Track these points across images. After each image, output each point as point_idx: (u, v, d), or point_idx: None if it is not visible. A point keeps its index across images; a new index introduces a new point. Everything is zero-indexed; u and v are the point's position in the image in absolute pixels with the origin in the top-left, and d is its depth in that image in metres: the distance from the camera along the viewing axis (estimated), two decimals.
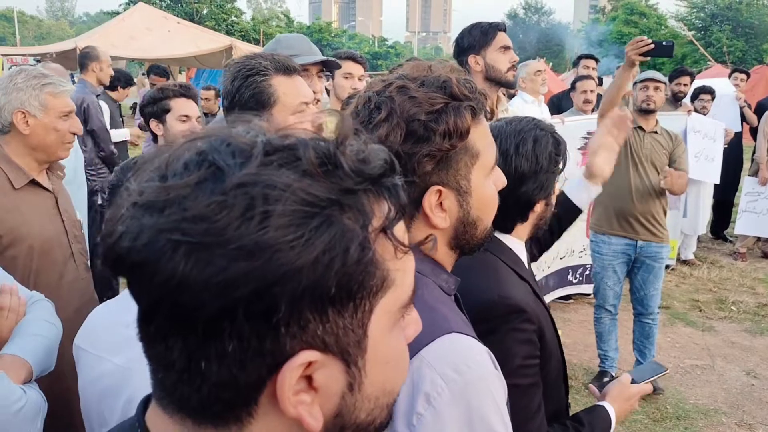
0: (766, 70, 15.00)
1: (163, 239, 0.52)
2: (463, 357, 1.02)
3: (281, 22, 47.18)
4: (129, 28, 17.43)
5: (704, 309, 5.89)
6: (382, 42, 72.75)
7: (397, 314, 0.63)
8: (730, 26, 40.57)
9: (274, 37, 2.90)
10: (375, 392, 0.63)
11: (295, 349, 0.55)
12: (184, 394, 0.57)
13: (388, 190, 0.60)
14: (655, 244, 4.19)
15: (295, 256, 0.52)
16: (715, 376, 4.65)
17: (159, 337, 0.56)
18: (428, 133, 1.06)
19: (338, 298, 0.55)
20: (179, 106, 2.86)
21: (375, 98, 1.10)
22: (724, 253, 7.72)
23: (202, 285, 0.51)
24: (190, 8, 37.26)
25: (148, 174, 0.57)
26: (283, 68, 1.88)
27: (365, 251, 0.56)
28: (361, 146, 0.60)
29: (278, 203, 0.52)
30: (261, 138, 0.57)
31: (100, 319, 1.45)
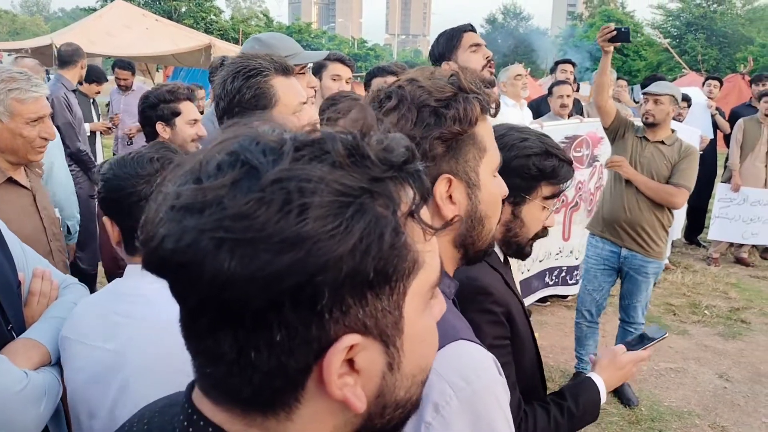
0: (738, 79, 15.28)
1: (206, 238, 0.54)
2: (471, 365, 1.03)
3: (260, 22, 46.96)
4: (106, 24, 17.21)
5: (678, 313, 5.98)
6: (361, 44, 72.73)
7: (427, 294, 0.66)
8: (705, 35, 41.26)
9: (251, 37, 2.89)
10: (412, 370, 0.66)
11: (339, 333, 0.58)
12: (235, 386, 0.59)
13: (412, 176, 0.62)
14: (641, 256, 4.13)
15: (335, 245, 0.54)
16: (689, 379, 4.73)
17: (207, 332, 0.58)
18: (438, 118, 1.08)
19: (376, 282, 0.58)
20: (189, 109, 2.86)
21: (385, 89, 1.12)
22: (697, 258, 7.84)
23: (248, 280, 0.53)
24: (168, 6, 36.93)
25: (182, 178, 0.59)
26: (282, 69, 1.89)
27: (398, 235, 0.59)
28: (382, 136, 0.62)
29: (314, 195, 0.54)
30: (288, 135, 0.59)
31: (88, 310, 1.45)
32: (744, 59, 22.37)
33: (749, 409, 4.34)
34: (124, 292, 1.44)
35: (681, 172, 4.05)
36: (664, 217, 4.13)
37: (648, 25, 44.49)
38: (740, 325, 5.75)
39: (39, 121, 2.31)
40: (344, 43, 64.63)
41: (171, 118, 2.83)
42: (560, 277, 5.80)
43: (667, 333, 1.90)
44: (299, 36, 54.76)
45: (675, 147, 4.12)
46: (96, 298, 1.50)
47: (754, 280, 7.09)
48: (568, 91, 5.86)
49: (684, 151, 4.10)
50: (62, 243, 2.45)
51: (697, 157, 4.11)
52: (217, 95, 1.92)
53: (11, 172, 2.30)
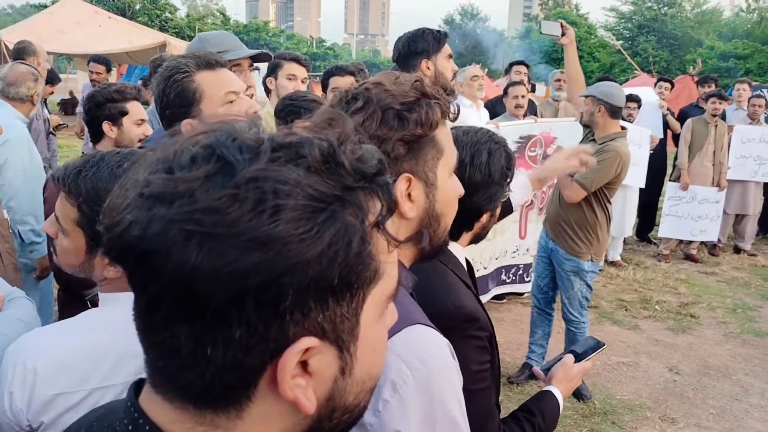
0: (688, 80, 15.67)
1: (175, 229, 0.54)
2: (428, 347, 1.08)
3: (217, 20, 46.39)
4: (57, 21, 16.81)
5: (630, 308, 6.12)
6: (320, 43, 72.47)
7: (384, 304, 0.68)
8: (656, 37, 42.28)
9: (197, 36, 2.88)
10: (362, 376, 0.67)
11: (297, 335, 0.58)
12: (187, 380, 0.59)
13: (381, 188, 0.63)
14: (562, 252, 4.19)
15: (304, 249, 0.55)
16: (640, 373, 4.85)
17: (164, 324, 0.58)
18: (401, 121, 1.14)
19: (339, 289, 0.59)
20: (136, 109, 2.83)
21: (352, 91, 1.17)
22: (648, 254, 8.04)
23: (213, 274, 0.53)
24: (122, 3, 36.22)
25: (152, 166, 0.58)
26: (205, 63, 1.87)
27: (365, 245, 0.60)
28: (357, 146, 0.63)
29: (289, 198, 0.55)
30: (266, 135, 0.60)
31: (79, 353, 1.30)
32: (693, 61, 22.98)
33: (698, 400, 4.48)
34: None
35: (584, 172, 3.93)
36: (583, 215, 4.10)
37: (601, 27, 45.36)
38: (689, 320, 5.92)
39: None
40: (303, 42, 64.32)
41: (118, 118, 2.79)
42: (517, 275, 5.88)
43: (605, 344, 2.00)
44: (257, 35, 54.27)
45: (600, 147, 4.03)
46: (67, 338, 1.33)
47: (702, 276, 7.31)
48: (522, 92, 5.96)
49: (599, 151, 3.93)
50: (11, 245, 2.40)
51: (609, 160, 3.94)
52: (154, 100, 1.94)
53: None
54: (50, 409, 1.25)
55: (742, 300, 6.54)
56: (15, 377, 1.25)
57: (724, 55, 34.01)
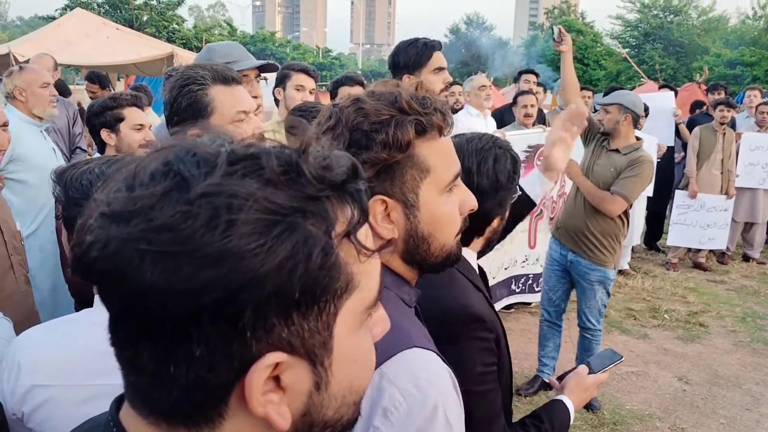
0: (695, 87, 15.64)
1: (130, 248, 0.54)
2: (424, 373, 1.03)
3: (224, 31, 46.59)
4: (66, 33, 16.89)
5: (638, 317, 6.09)
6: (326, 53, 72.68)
7: (362, 315, 0.66)
8: (662, 45, 42.25)
9: (206, 46, 2.90)
10: (342, 390, 0.65)
11: (262, 351, 0.57)
12: (156, 397, 0.59)
13: (351, 195, 0.62)
14: (585, 262, 4.17)
15: (258, 263, 0.54)
16: (650, 382, 4.82)
17: (129, 342, 0.58)
18: (368, 142, 1.08)
19: (303, 302, 0.57)
20: (133, 115, 2.83)
21: (331, 109, 1.13)
22: (656, 263, 8.00)
23: (168, 292, 0.53)
24: (129, 15, 36.44)
25: (117, 184, 0.58)
26: (222, 78, 1.88)
27: (328, 256, 0.58)
28: (324, 153, 0.61)
29: (241, 212, 0.54)
30: (226, 148, 0.59)
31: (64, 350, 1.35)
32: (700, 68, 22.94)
33: (708, 410, 4.44)
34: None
35: (621, 180, 4.06)
36: (611, 225, 4.12)
37: (607, 35, 45.34)
38: (698, 329, 5.89)
39: None
40: (309, 52, 64.47)
41: (115, 124, 2.80)
42: (527, 285, 5.86)
43: (623, 357, 1.98)
44: (264, 45, 54.51)
45: (628, 156, 4.11)
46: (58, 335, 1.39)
47: (711, 285, 7.27)
48: (532, 101, 5.95)
49: (633, 163, 4.06)
50: (23, 257, 2.41)
51: (646, 169, 4.05)
52: (163, 104, 1.94)
53: None
54: (27, 400, 1.30)
55: (752, 308, 6.50)
56: (7, 368, 1.34)
57: (731, 62, 33.95)
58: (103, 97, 2.91)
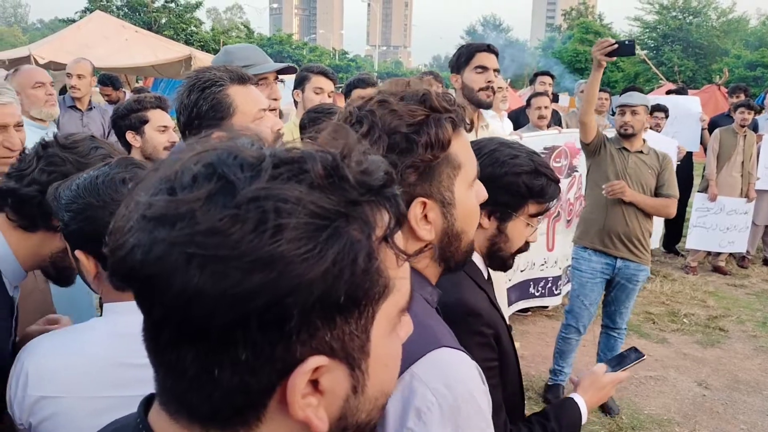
0: (715, 90, 15.51)
1: (177, 252, 0.53)
2: (454, 372, 1.03)
3: (241, 33, 46.91)
4: (85, 36, 17.08)
5: (657, 321, 6.03)
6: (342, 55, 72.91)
7: (396, 318, 0.66)
8: (681, 46, 41.92)
9: (222, 49, 2.91)
10: (375, 393, 0.65)
11: (305, 355, 0.57)
12: (195, 401, 0.59)
13: (389, 200, 0.62)
14: (634, 265, 4.17)
15: (307, 268, 0.54)
16: (668, 387, 4.77)
17: (170, 346, 0.57)
18: (410, 145, 1.06)
19: (346, 306, 0.58)
20: (157, 116, 2.86)
21: (356, 113, 1.09)
22: (675, 266, 7.92)
23: (216, 297, 0.53)
24: (148, 17, 36.75)
25: (155, 186, 0.58)
26: (238, 78, 1.89)
27: (371, 261, 0.58)
28: (362, 158, 0.61)
29: (290, 217, 0.54)
30: (268, 151, 0.59)
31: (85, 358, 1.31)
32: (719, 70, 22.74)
33: (728, 416, 4.38)
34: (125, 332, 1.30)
35: (668, 182, 4.20)
36: (650, 224, 4.26)
37: (625, 37, 45.08)
38: (718, 333, 5.82)
39: (1, 131, 2.28)
40: (325, 55, 64.70)
41: (140, 126, 2.83)
42: (546, 288, 5.81)
43: (645, 356, 1.94)
44: (280, 47, 54.78)
45: (652, 155, 4.24)
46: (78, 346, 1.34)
47: (731, 289, 7.18)
48: (546, 102, 5.93)
49: (663, 160, 4.25)
50: None
51: (673, 164, 4.29)
52: (177, 110, 1.93)
53: None
54: (35, 411, 1.27)
55: None
56: (14, 376, 1.30)
57: (752, 64, 33.60)
58: (128, 100, 2.93)
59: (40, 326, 1.66)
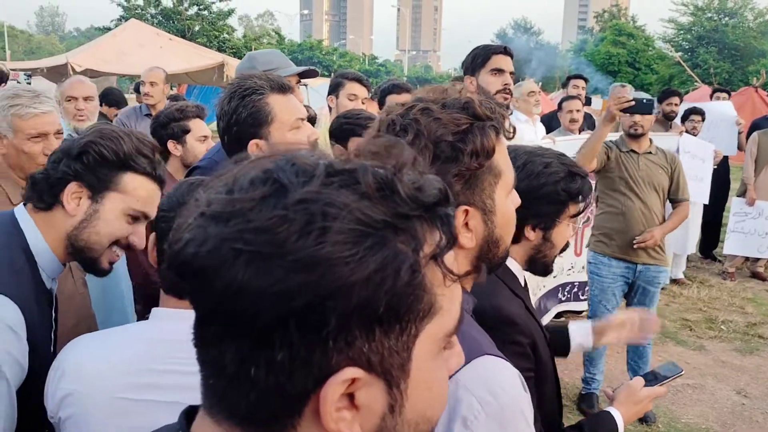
0: (752, 92, 15.19)
1: (226, 247, 0.55)
2: (498, 380, 1.04)
3: (272, 40, 47.40)
4: (120, 44, 17.41)
5: (694, 328, 5.92)
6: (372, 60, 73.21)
7: (442, 341, 0.64)
8: (717, 48, 41.20)
9: (247, 55, 2.94)
10: (415, 417, 0.64)
11: (341, 364, 0.57)
12: (233, 400, 0.60)
13: (441, 219, 0.61)
14: (654, 267, 4.15)
15: (348, 272, 0.54)
16: (706, 396, 4.68)
17: (214, 341, 0.59)
18: (456, 153, 1.07)
19: (386, 318, 0.57)
20: (198, 126, 2.89)
21: (400, 121, 1.09)
22: (713, 272, 7.78)
23: (259, 293, 0.54)
24: (182, 25, 37.28)
25: (216, 188, 0.60)
26: (278, 87, 1.93)
27: (415, 274, 0.58)
28: (417, 176, 0.62)
29: (336, 220, 0.55)
30: (324, 160, 0.60)
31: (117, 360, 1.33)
32: (757, 72, 22.26)
33: None
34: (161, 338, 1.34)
35: (681, 187, 4.24)
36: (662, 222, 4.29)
37: (659, 38, 44.50)
38: (757, 341, 5.69)
39: (42, 138, 2.32)
40: (355, 60, 65.02)
41: (181, 136, 2.85)
42: (572, 293, 5.74)
43: (683, 371, 1.91)
44: (311, 53, 55.22)
45: (661, 155, 4.25)
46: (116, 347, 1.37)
47: None
48: (578, 105, 5.87)
49: (673, 160, 4.26)
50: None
51: (682, 164, 4.35)
52: (217, 115, 1.97)
53: None
54: (63, 406, 1.31)
55: None
56: (53, 369, 1.36)
57: None
58: (170, 109, 2.94)
59: None
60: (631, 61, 42.72)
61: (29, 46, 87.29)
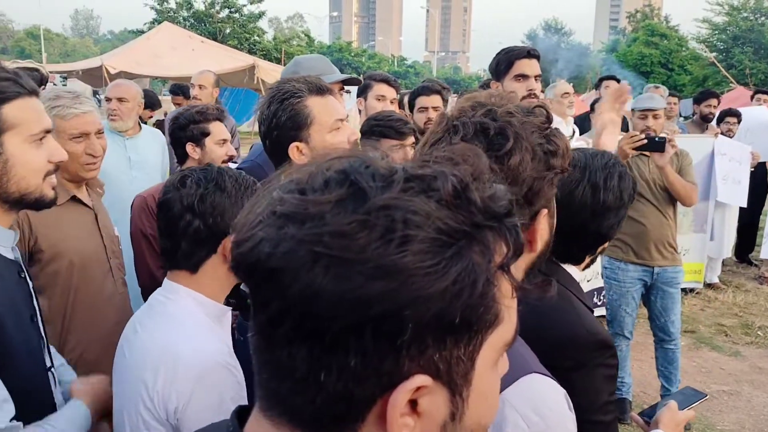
0: None
1: (304, 250, 0.54)
2: (544, 400, 1.04)
3: (302, 42, 47.58)
4: (154, 46, 17.69)
5: (730, 333, 5.81)
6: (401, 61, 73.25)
7: (501, 351, 0.65)
8: (752, 48, 40.35)
9: (293, 59, 2.95)
10: (472, 425, 0.64)
11: (411, 371, 0.56)
12: (297, 404, 0.59)
13: (509, 230, 0.61)
14: (671, 268, 4.11)
15: (429, 283, 0.54)
16: (743, 402, 4.59)
17: (283, 343, 0.58)
18: (548, 157, 1.09)
19: (459, 329, 0.57)
20: (218, 129, 2.87)
21: (493, 124, 1.08)
22: (749, 277, 7.62)
23: (337, 298, 0.53)
24: (213, 28, 37.65)
25: (286, 186, 0.60)
26: (317, 89, 1.94)
27: (490, 286, 0.58)
28: (488, 184, 0.61)
29: (419, 229, 0.54)
30: (399, 165, 0.60)
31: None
32: None
33: None
34: None
35: (686, 171, 4.19)
36: (674, 223, 4.25)
37: (693, 39, 43.75)
38: None
39: (84, 138, 2.37)
40: (384, 61, 65.10)
41: (200, 139, 2.83)
42: (600, 297, 5.67)
43: (707, 395, 1.91)
44: (340, 54, 55.43)
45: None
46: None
47: None
48: None
49: (680, 153, 4.22)
50: (121, 261, 2.52)
51: (691, 159, 4.32)
52: (258, 120, 2.00)
53: (74, 190, 2.37)
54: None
55: None
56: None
57: None
58: (189, 111, 2.93)
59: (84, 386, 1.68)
60: (664, 61, 42.07)
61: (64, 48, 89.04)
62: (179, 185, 1.50)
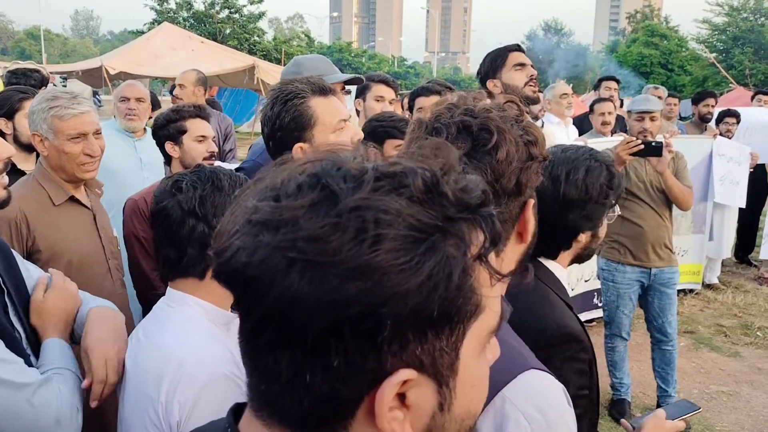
0: None
1: (279, 256, 0.55)
2: (545, 396, 1.04)
3: (302, 42, 47.54)
4: (154, 47, 17.70)
5: (729, 334, 5.81)
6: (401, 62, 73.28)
7: (485, 339, 0.66)
8: (752, 49, 40.34)
9: (293, 60, 2.95)
10: (461, 414, 0.65)
11: (395, 366, 0.57)
12: (285, 406, 0.60)
13: (485, 219, 0.62)
14: (668, 269, 4.12)
15: (403, 279, 0.54)
16: (742, 403, 4.59)
17: (267, 349, 0.59)
18: (532, 146, 1.11)
19: (438, 321, 0.58)
20: (195, 126, 2.85)
21: (477, 123, 1.09)
22: (748, 277, 7.62)
23: (314, 302, 0.54)
24: (213, 28, 37.59)
25: (261, 193, 0.60)
26: (320, 90, 1.94)
27: (466, 277, 0.58)
28: (461, 176, 0.62)
29: (390, 228, 0.55)
30: (370, 164, 0.60)
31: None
32: None
33: None
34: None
35: (682, 174, 4.18)
36: (671, 224, 4.25)
37: (693, 39, 43.74)
38: None
39: (81, 138, 2.36)
40: (384, 62, 65.03)
41: (178, 137, 2.83)
42: (589, 301, 5.68)
43: (700, 408, 1.91)
44: (340, 55, 55.39)
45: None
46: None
47: None
48: (609, 108, 5.81)
49: (675, 156, 4.19)
50: (120, 261, 2.52)
51: (685, 160, 4.29)
52: (262, 121, 2.00)
53: (72, 191, 2.37)
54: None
55: None
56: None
57: None
58: (166, 110, 2.94)
59: None
60: (664, 62, 42.09)
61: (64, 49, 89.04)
62: (174, 191, 1.46)
